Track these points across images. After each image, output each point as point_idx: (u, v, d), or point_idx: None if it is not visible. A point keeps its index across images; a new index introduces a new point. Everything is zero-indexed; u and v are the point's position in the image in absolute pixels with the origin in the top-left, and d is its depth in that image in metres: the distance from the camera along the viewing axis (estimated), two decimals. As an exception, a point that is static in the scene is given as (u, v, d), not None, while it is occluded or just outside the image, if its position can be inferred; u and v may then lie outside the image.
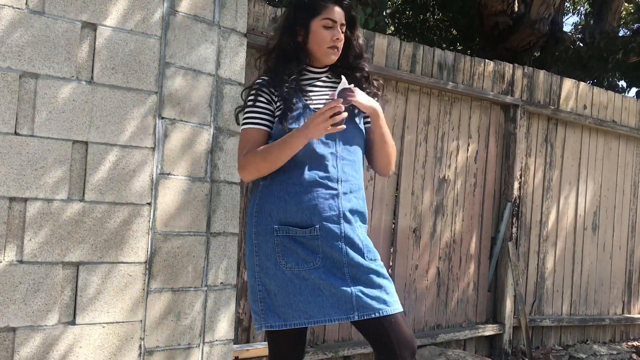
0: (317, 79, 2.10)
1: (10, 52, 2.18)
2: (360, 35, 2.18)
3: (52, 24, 2.26)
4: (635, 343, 5.42)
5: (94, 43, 2.35)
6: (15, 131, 2.19)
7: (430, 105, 4.21)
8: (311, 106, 2.02)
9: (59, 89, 2.28)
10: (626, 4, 9.37)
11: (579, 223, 5.16)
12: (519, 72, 4.69)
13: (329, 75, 2.12)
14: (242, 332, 3.44)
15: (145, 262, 2.46)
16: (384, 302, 1.94)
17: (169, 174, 2.53)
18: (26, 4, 2.21)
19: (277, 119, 2.00)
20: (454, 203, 4.35)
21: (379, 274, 1.98)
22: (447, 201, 4.30)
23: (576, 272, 5.15)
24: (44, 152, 2.24)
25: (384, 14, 6.11)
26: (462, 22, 8.51)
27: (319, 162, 1.97)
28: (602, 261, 5.35)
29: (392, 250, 4.07)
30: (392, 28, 9.48)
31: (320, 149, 1.97)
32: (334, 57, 2.07)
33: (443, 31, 9.39)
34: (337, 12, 2.04)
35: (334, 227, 1.95)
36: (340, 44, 2.06)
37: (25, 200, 2.21)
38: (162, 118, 2.51)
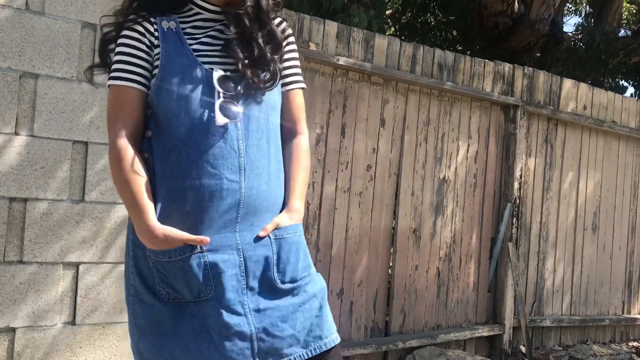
0: (210, 26, 1.51)
1: (10, 52, 2.18)
2: None
3: (52, 24, 2.26)
4: (635, 343, 5.42)
5: (94, 43, 2.35)
6: (15, 131, 2.19)
7: (430, 106, 4.21)
8: (226, 60, 1.46)
9: (59, 89, 2.28)
10: (627, 4, 9.37)
11: (579, 223, 5.16)
12: (519, 73, 4.69)
13: (226, 24, 1.50)
14: (242, 333, 3.44)
15: (145, 262, 2.46)
16: (297, 340, 1.44)
17: (168, 174, 2.53)
18: (26, 4, 2.21)
19: (156, 76, 1.43)
20: (454, 203, 4.35)
21: (302, 299, 1.47)
22: (447, 201, 4.30)
23: (576, 272, 5.15)
24: (44, 152, 2.24)
25: (384, 15, 6.12)
26: (462, 23, 8.51)
27: None
28: (602, 262, 5.35)
29: (392, 250, 4.07)
30: (393, 29, 9.48)
31: None
32: None
33: (443, 32, 9.39)
34: None
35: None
36: None
37: (25, 200, 2.21)
38: (162, 118, 2.51)
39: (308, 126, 2.10)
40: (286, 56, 1.57)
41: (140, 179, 1.41)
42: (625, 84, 10.02)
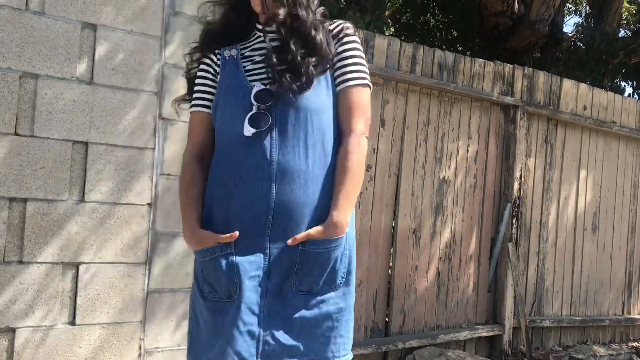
0: (259, 40, 1.65)
1: (10, 52, 2.18)
2: None
3: (52, 24, 2.26)
4: (635, 344, 5.42)
5: (94, 43, 2.35)
6: (15, 131, 2.19)
7: (430, 106, 4.21)
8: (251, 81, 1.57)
9: (59, 89, 2.28)
10: (627, 5, 9.37)
11: (579, 224, 5.16)
12: (518, 73, 4.69)
13: (273, 37, 1.61)
14: (242, 333, 3.44)
15: (145, 262, 2.46)
16: (296, 351, 1.48)
17: (168, 174, 2.53)
18: (26, 4, 2.21)
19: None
20: (454, 204, 4.35)
21: (311, 313, 1.50)
22: (447, 202, 4.30)
23: (576, 272, 5.15)
24: (44, 152, 2.24)
25: (383, 16, 6.13)
26: (462, 23, 8.51)
27: None
28: (602, 262, 5.35)
29: (392, 250, 4.07)
30: (393, 29, 9.48)
31: None
32: (257, 7, 1.61)
33: (443, 32, 9.39)
34: None
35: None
36: None
37: (25, 200, 2.21)
38: (162, 118, 2.51)
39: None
40: (338, 57, 1.60)
41: (191, 190, 1.59)
42: (625, 84, 10.03)
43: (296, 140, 1.52)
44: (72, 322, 2.30)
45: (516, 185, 4.61)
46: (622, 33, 9.14)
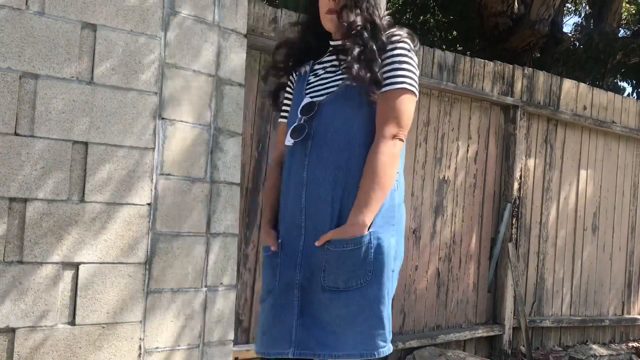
0: (328, 55, 1.83)
1: (10, 52, 2.18)
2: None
3: (52, 24, 2.26)
4: (635, 344, 5.42)
5: (94, 43, 2.35)
6: (15, 131, 2.20)
7: (430, 106, 4.21)
8: (320, 87, 1.76)
9: (59, 89, 2.28)
10: (626, 5, 9.37)
11: (579, 224, 5.16)
12: (518, 73, 4.69)
13: (341, 54, 1.76)
14: (242, 333, 3.44)
15: (145, 262, 2.46)
16: (323, 343, 1.61)
17: (168, 174, 2.53)
18: (26, 4, 2.21)
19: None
20: (454, 204, 4.35)
21: (334, 307, 1.61)
22: (446, 202, 4.30)
23: (576, 272, 5.15)
24: (43, 152, 2.24)
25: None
26: (462, 23, 8.51)
27: None
28: (602, 262, 5.35)
29: (392, 250, 4.07)
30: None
31: None
32: (329, 25, 1.77)
33: (443, 32, 9.39)
34: None
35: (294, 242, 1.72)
36: (333, 6, 1.74)
37: (25, 200, 2.21)
38: (162, 118, 2.51)
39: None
40: (385, 66, 1.68)
41: (272, 193, 1.87)
42: (624, 84, 10.02)
43: (326, 148, 1.66)
44: (72, 322, 2.30)
45: (516, 185, 4.61)
46: (622, 33, 9.14)
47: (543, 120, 4.90)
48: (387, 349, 1.63)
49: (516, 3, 7.04)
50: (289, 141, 1.71)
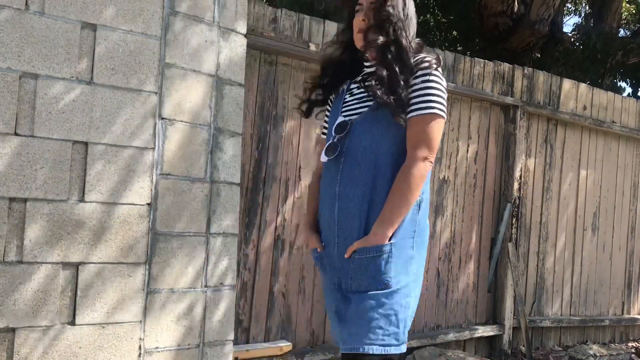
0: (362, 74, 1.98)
1: (10, 52, 2.18)
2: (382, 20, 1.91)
3: (52, 24, 2.26)
4: (635, 344, 5.42)
5: (94, 43, 2.35)
6: (15, 131, 2.20)
7: (430, 106, 4.21)
8: (352, 107, 1.92)
9: (59, 89, 2.28)
10: (626, 5, 9.37)
11: (579, 223, 5.16)
12: (518, 73, 4.69)
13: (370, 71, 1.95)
14: (242, 333, 3.44)
15: (145, 262, 2.46)
16: (346, 339, 1.82)
17: (168, 174, 2.53)
18: (26, 4, 2.21)
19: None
20: (454, 203, 4.35)
21: (356, 308, 1.80)
22: (447, 202, 4.30)
23: (576, 272, 5.15)
24: (44, 152, 2.24)
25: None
26: (462, 23, 8.51)
27: None
28: (601, 262, 5.35)
29: (391, 250, 4.07)
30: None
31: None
32: (358, 43, 1.93)
33: (443, 32, 9.39)
34: None
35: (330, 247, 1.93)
36: (363, 25, 1.90)
37: (25, 200, 2.21)
38: (162, 118, 2.51)
39: (308, 127, 2.15)
40: (413, 92, 1.80)
41: (312, 202, 2.05)
42: (623, 84, 10.02)
43: (356, 165, 1.81)
44: (72, 322, 2.30)
45: (516, 185, 4.61)
46: (622, 33, 9.14)
47: (543, 120, 4.90)
48: (402, 347, 1.79)
49: (516, 3, 7.04)
50: (323, 158, 1.87)
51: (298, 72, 3.61)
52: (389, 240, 1.76)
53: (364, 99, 1.89)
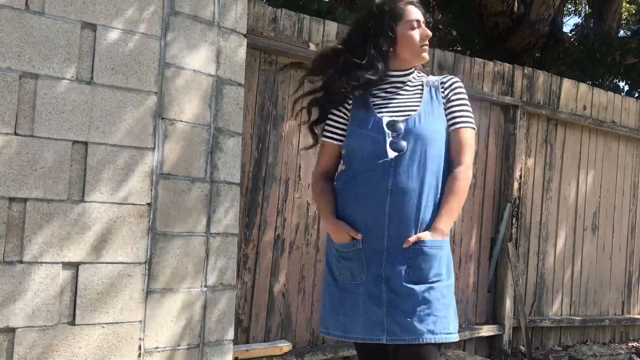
0: (404, 82, 2.12)
1: (10, 52, 2.18)
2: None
3: (52, 24, 2.26)
4: (635, 344, 5.42)
5: (94, 43, 2.35)
6: (15, 131, 2.19)
7: (430, 106, 4.21)
8: (396, 109, 2.02)
9: (59, 89, 2.28)
10: (626, 5, 9.37)
11: (579, 223, 5.16)
12: (518, 73, 4.69)
13: (415, 77, 2.16)
14: (242, 333, 3.44)
15: (145, 262, 2.46)
16: (407, 329, 1.87)
17: (168, 174, 2.53)
18: (26, 4, 2.21)
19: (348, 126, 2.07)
20: (454, 203, 4.35)
21: (418, 298, 1.88)
22: (446, 202, 4.30)
23: (576, 272, 5.15)
24: (44, 152, 2.24)
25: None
26: (462, 23, 8.50)
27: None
28: (601, 262, 5.35)
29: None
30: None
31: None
32: (427, 55, 2.15)
33: (443, 32, 9.38)
34: (416, 11, 2.09)
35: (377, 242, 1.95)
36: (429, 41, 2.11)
37: (25, 200, 2.21)
38: (162, 118, 2.51)
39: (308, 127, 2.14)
40: (450, 103, 2.09)
41: (324, 197, 2.07)
42: (622, 84, 10.01)
43: (411, 162, 1.91)
44: (72, 322, 2.30)
45: (516, 185, 4.61)
46: (622, 33, 9.13)
47: (543, 120, 4.90)
48: (457, 335, 1.92)
49: (516, 3, 7.04)
50: (392, 155, 1.91)
51: (298, 72, 3.61)
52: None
53: (411, 100, 2.06)
